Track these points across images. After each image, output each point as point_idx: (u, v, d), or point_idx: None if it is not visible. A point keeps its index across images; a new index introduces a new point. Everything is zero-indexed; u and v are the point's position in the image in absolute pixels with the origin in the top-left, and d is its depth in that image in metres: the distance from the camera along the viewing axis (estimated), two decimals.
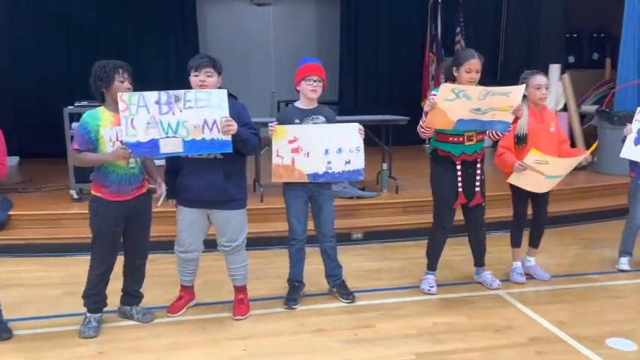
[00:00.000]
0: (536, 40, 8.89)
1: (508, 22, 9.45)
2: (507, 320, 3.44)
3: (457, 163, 3.66)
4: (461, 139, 3.63)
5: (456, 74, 3.60)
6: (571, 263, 4.53)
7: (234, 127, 3.11)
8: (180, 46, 9.07)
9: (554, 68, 7.51)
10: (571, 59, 9.66)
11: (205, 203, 3.32)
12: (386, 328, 3.35)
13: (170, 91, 3.10)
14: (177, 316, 3.51)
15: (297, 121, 3.56)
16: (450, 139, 3.63)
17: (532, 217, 4.14)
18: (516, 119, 3.61)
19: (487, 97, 3.41)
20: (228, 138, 3.13)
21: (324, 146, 3.53)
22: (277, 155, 3.51)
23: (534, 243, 4.20)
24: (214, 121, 3.12)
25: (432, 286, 3.86)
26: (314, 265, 3.88)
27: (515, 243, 4.14)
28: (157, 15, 8.87)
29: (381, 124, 5.96)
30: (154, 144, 3.09)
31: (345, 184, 5.61)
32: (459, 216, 3.87)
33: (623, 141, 4.09)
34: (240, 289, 3.57)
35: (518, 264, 4.15)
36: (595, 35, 9.14)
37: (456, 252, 4.43)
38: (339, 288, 3.81)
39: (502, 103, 3.46)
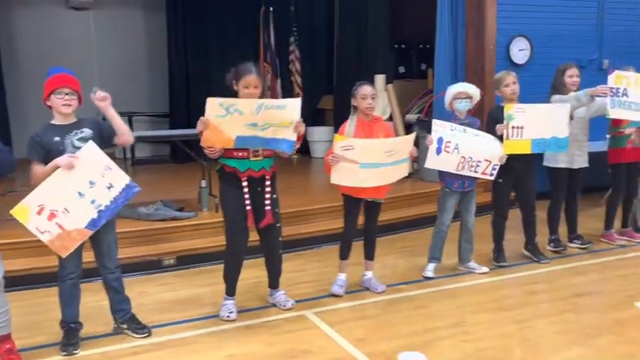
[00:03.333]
0: (365, 51, 9.23)
1: (340, 33, 9.72)
2: (307, 343, 3.41)
3: (243, 179, 3.56)
4: (245, 154, 3.54)
5: (235, 88, 3.53)
6: (386, 274, 4.64)
7: None
8: None
9: (379, 78, 7.84)
10: (402, 69, 10.16)
11: None
12: None
13: None
14: None
15: (58, 138, 3.23)
16: (235, 154, 3.53)
17: (364, 228, 4.22)
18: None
19: (262, 111, 3.36)
20: None
21: (74, 191, 3.20)
22: (41, 232, 3.17)
23: (368, 255, 4.27)
24: None
25: (232, 312, 3.73)
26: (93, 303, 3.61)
27: (343, 254, 4.18)
28: None
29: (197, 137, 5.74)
30: None
31: (158, 204, 5.35)
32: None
33: None
34: (4, 339, 3.16)
35: (343, 276, 4.18)
36: (421, 46, 9.67)
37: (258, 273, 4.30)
38: (130, 323, 3.55)
39: (280, 117, 3.42)
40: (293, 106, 3.46)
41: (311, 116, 9.80)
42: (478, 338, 3.46)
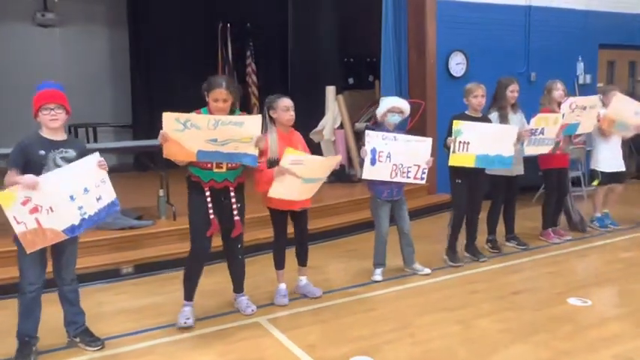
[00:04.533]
0: (317, 64, 9.04)
1: (293, 47, 9.51)
2: (260, 351, 3.16)
3: (205, 189, 3.34)
4: (209, 165, 3.31)
5: (207, 99, 3.30)
6: (333, 278, 4.43)
7: None
8: None
9: (330, 90, 7.63)
10: (351, 81, 10.02)
11: None
12: None
13: None
14: None
15: (43, 152, 2.97)
16: (200, 164, 3.31)
17: (295, 236, 3.95)
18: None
19: (219, 127, 3.11)
20: None
21: (66, 193, 2.95)
22: (17, 222, 2.84)
23: (301, 261, 4.01)
24: None
25: (189, 319, 3.44)
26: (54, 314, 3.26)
27: (279, 265, 3.91)
28: None
29: (155, 148, 5.41)
30: None
31: (117, 214, 4.98)
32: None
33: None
34: None
35: (283, 286, 3.91)
36: (368, 60, 9.53)
37: (216, 279, 4.06)
38: (82, 336, 3.23)
39: (239, 134, 3.18)
40: (252, 123, 3.23)
41: (265, 125, 9.54)
42: (424, 340, 3.28)
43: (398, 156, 4.08)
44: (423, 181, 4.24)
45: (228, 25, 9.27)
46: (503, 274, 4.45)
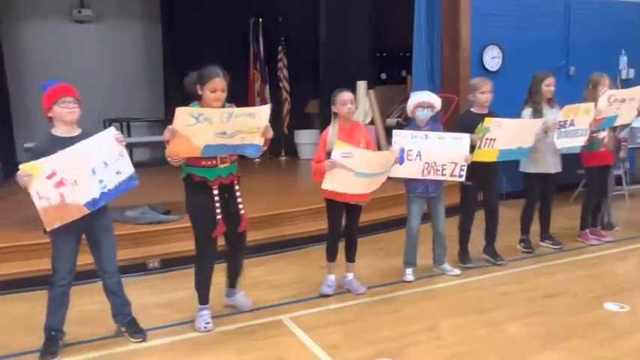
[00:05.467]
0: (349, 58, 8.95)
1: (325, 42, 9.44)
2: (280, 351, 3.11)
3: (214, 188, 3.24)
4: (214, 162, 3.23)
5: (200, 92, 3.18)
6: (360, 276, 4.32)
7: None
8: None
9: (361, 85, 7.51)
10: (383, 76, 9.90)
11: None
12: None
13: None
14: None
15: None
16: (203, 162, 3.20)
17: (344, 229, 3.92)
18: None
19: (231, 120, 3.06)
20: None
21: (89, 167, 2.96)
22: (40, 198, 2.85)
23: (349, 257, 3.98)
24: None
25: (208, 323, 3.39)
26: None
27: (330, 257, 3.89)
28: None
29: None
30: None
31: (144, 208, 5.03)
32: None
33: None
34: None
35: (332, 277, 3.91)
36: (402, 54, 9.36)
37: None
38: (129, 326, 3.27)
39: (248, 125, 3.13)
40: (262, 113, 3.18)
41: (298, 120, 9.53)
42: (450, 343, 3.17)
43: (430, 154, 3.95)
44: (462, 178, 4.09)
45: (260, 19, 9.25)
46: (536, 276, 4.28)
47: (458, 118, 4.28)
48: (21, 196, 6.65)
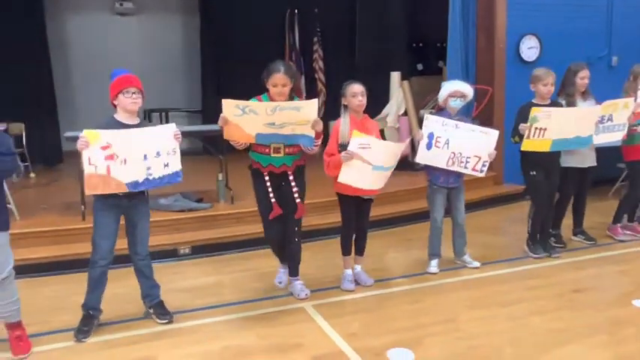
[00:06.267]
0: (385, 49, 8.91)
1: (361, 32, 9.42)
2: (300, 337, 3.17)
3: (265, 174, 3.47)
4: (267, 150, 3.43)
5: (267, 86, 3.39)
6: (385, 267, 4.37)
7: None
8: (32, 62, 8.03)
9: (395, 75, 7.48)
10: (420, 67, 9.80)
11: None
12: (169, 357, 2.98)
13: None
14: None
15: None
16: (260, 149, 3.45)
17: (355, 223, 3.92)
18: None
19: (277, 112, 3.22)
20: None
21: (142, 151, 3.14)
22: (90, 164, 3.05)
23: (358, 250, 3.99)
24: None
25: (281, 282, 3.85)
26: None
27: (345, 251, 3.92)
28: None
29: (217, 133, 5.55)
30: None
31: (177, 196, 5.19)
32: None
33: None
34: (15, 326, 3.04)
35: (349, 271, 3.93)
36: (438, 45, 9.24)
37: (271, 262, 4.10)
38: (156, 308, 3.42)
39: (296, 117, 3.26)
40: (309, 107, 3.30)
41: (335, 111, 9.52)
42: (470, 335, 3.17)
43: (457, 144, 3.93)
44: (482, 174, 4.05)
45: (296, 11, 9.31)
46: (565, 270, 4.21)
47: (518, 109, 4.21)
48: (61, 183, 6.97)
